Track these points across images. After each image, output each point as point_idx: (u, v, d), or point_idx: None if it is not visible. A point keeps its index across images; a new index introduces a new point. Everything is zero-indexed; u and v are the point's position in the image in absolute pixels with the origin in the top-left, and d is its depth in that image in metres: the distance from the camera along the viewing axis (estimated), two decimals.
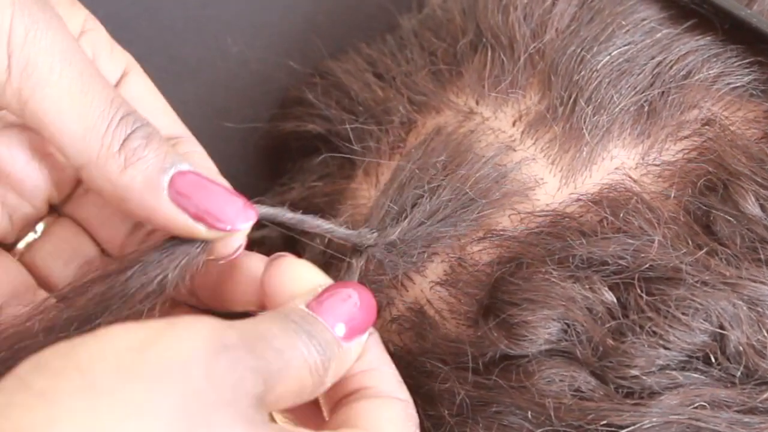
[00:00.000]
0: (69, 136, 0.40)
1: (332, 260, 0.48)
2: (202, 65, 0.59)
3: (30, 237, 0.47)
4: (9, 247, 0.46)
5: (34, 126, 0.40)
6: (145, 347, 0.34)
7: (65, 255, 0.46)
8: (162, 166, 0.40)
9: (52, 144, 0.41)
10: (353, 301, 0.41)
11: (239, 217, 0.41)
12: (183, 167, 0.41)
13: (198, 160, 0.45)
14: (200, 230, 0.41)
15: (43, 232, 0.47)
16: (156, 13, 0.58)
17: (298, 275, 0.42)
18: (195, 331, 0.35)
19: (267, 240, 0.52)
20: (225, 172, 0.58)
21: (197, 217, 0.41)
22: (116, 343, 0.35)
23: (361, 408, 0.41)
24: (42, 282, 0.46)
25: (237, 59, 0.59)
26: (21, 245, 0.46)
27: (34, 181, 0.45)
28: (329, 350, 0.39)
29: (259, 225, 0.49)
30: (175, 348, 0.35)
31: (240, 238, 0.43)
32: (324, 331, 0.39)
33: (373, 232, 0.45)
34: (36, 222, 0.47)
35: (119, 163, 0.40)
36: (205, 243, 0.42)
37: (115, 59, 0.45)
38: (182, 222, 0.41)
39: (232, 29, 0.59)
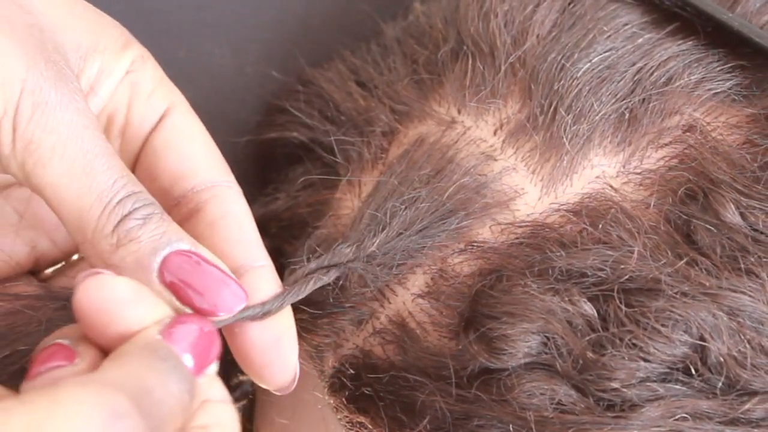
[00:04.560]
0: (66, 213, 0.40)
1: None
2: (194, 71, 0.58)
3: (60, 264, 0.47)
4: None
5: (38, 195, 0.40)
6: None
7: None
8: (154, 246, 0.40)
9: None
10: (199, 331, 0.39)
11: (233, 301, 0.41)
12: (180, 246, 0.40)
13: (231, 210, 0.44)
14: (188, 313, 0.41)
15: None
16: (150, 18, 0.58)
17: (117, 295, 0.38)
18: (84, 406, 0.33)
19: None
20: None
21: (185, 302, 0.40)
22: None
23: None
24: None
25: (227, 66, 0.58)
26: (49, 270, 0.47)
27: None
28: (191, 385, 0.37)
29: None
30: None
31: None
32: (183, 364, 0.37)
33: (350, 247, 0.44)
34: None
35: (111, 243, 0.40)
36: None
37: (154, 101, 0.45)
38: (169, 304, 0.40)
39: (222, 38, 0.59)
